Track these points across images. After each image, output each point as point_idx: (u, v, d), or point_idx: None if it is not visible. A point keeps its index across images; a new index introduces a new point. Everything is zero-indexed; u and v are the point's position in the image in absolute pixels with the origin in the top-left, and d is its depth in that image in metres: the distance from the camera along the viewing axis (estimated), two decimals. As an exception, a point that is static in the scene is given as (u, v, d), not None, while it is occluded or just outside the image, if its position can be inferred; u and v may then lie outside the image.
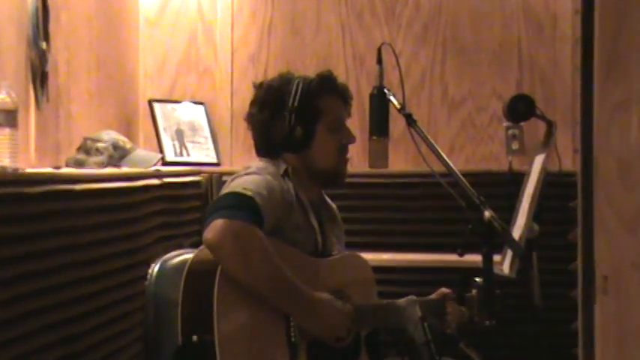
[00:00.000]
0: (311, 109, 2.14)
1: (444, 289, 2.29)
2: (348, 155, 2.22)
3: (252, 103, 2.22)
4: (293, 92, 2.13)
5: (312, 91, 2.15)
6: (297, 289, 1.97)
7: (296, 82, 2.15)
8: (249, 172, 2.09)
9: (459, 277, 2.10)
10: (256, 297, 1.92)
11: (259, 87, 2.22)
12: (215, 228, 1.89)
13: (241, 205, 1.93)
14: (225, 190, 2.03)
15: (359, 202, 3.59)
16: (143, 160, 3.14)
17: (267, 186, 2.01)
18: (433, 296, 2.29)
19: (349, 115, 2.24)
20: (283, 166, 2.14)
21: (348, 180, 2.26)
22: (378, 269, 2.34)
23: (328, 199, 2.33)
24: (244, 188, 1.97)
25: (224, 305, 1.89)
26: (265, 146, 2.20)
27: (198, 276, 1.97)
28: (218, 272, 1.90)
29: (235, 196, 1.96)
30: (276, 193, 2.03)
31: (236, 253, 1.89)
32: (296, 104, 2.12)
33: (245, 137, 3.89)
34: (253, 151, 2.25)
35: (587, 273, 1.13)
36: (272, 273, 1.92)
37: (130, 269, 2.80)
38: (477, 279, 1.90)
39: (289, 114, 2.12)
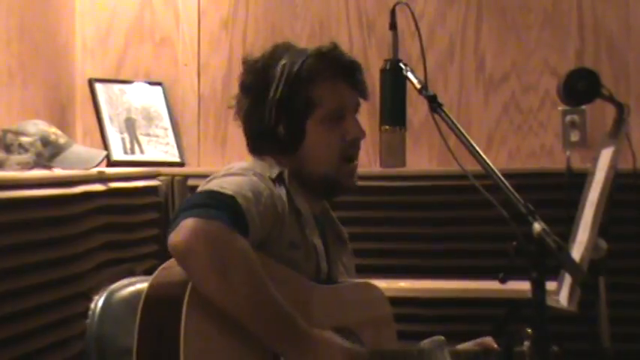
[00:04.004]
0: (299, 99, 2.14)
1: (486, 340, 2.27)
2: (357, 157, 2.22)
3: (238, 86, 2.24)
4: (277, 77, 2.14)
5: (302, 76, 2.14)
6: (290, 318, 1.96)
7: (282, 63, 2.15)
8: (229, 172, 2.10)
9: (503, 313, 2.10)
10: (238, 328, 1.92)
11: (243, 64, 2.23)
12: (184, 229, 1.89)
13: (219, 204, 1.94)
14: (199, 190, 2.05)
15: (368, 212, 3.60)
16: (82, 159, 3.14)
17: (252, 188, 2.02)
18: (470, 345, 2.28)
19: (362, 99, 2.24)
20: (276, 169, 2.14)
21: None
22: (394, 301, 2.33)
23: (336, 219, 2.33)
24: (222, 187, 1.98)
25: (195, 339, 1.90)
26: (250, 142, 2.22)
27: (159, 303, 1.96)
28: (187, 295, 1.91)
29: (212, 193, 1.97)
30: (265, 198, 2.03)
31: (210, 260, 1.89)
32: (278, 95, 2.13)
33: (217, 128, 3.90)
34: (227, 146, 2.26)
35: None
36: (257, 293, 1.92)
37: (64, 304, 2.80)
38: (530, 330, 1.90)
39: (269, 108, 2.13)
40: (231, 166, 2.14)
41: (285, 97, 2.13)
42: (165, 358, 1.91)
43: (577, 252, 2.35)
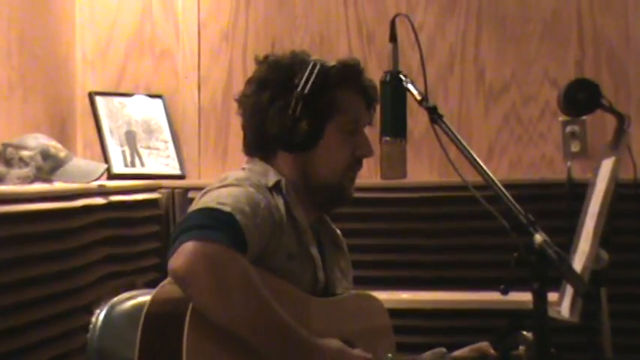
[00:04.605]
0: (325, 100, 2.15)
1: (483, 345, 2.28)
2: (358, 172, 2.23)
3: (250, 81, 2.23)
4: (307, 74, 2.14)
5: (332, 78, 2.17)
6: (294, 333, 1.96)
7: (313, 62, 2.17)
8: (224, 183, 2.09)
9: (504, 323, 2.09)
10: (240, 346, 1.92)
11: (263, 62, 2.23)
12: (184, 253, 1.89)
13: (218, 223, 1.93)
14: (195, 206, 2.03)
15: (368, 224, 3.60)
16: (82, 172, 3.14)
17: (249, 201, 2.02)
18: (466, 351, 2.28)
19: (370, 121, 2.25)
20: (274, 177, 2.14)
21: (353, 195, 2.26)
22: (395, 312, 2.34)
23: (330, 222, 2.33)
24: (220, 203, 1.98)
25: (196, 355, 1.89)
26: (257, 140, 2.21)
27: (160, 321, 1.96)
28: (188, 314, 1.91)
29: (209, 212, 1.96)
30: (262, 210, 2.03)
31: (212, 285, 1.89)
32: (307, 90, 2.13)
33: (217, 140, 3.90)
34: (228, 158, 2.26)
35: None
36: (259, 311, 1.92)
37: (65, 318, 2.80)
38: (526, 332, 1.89)
39: (296, 100, 2.13)
40: (226, 176, 2.13)
41: (312, 95, 2.13)
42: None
43: (578, 263, 2.35)
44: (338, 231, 2.35)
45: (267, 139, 2.18)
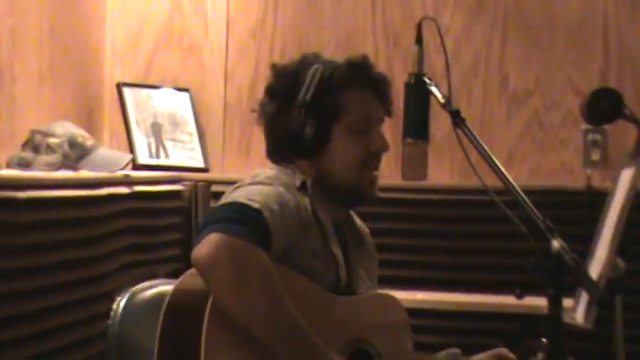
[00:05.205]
0: (328, 103, 2.15)
1: (502, 350, 2.26)
2: (379, 168, 2.22)
3: (265, 90, 2.25)
4: (308, 80, 2.15)
5: (334, 81, 2.16)
6: (307, 339, 1.96)
7: (314, 67, 2.17)
8: (256, 181, 2.10)
9: (517, 327, 2.10)
10: (257, 342, 1.93)
11: (272, 69, 2.24)
12: (208, 244, 1.90)
13: (245, 219, 1.93)
14: (225, 199, 2.05)
15: (387, 224, 3.60)
16: (108, 161, 3.16)
17: (278, 200, 2.02)
18: (484, 357, 2.28)
19: (386, 115, 2.25)
20: (300, 177, 2.15)
21: (374, 195, 2.26)
22: (411, 312, 2.33)
23: (358, 220, 2.33)
24: (250, 199, 1.98)
25: (214, 348, 1.90)
26: (274, 147, 2.23)
27: (181, 310, 1.97)
28: (209, 305, 1.92)
29: (238, 207, 1.97)
30: (290, 210, 2.04)
31: (231, 278, 1.89)
32: (309, 96, 2.14)
33: (241, 135, 3.91)
34: (251, 153, 2.27)
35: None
36: (275, 313, 1.93)
37: (87, 304, 2.81)
38: (545, 340, 1.89)
39: (299, 108, 2.14)
40: (257, 173, 2.14)
41: (315, 100, 2.14)
42: (185, 355, 1.91)
43: (595, 270, 2.35)
44: (367, 230, 2.35)
45: (281, 146, 2.20)
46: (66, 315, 2.70)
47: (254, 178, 2.11)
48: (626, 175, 2.49)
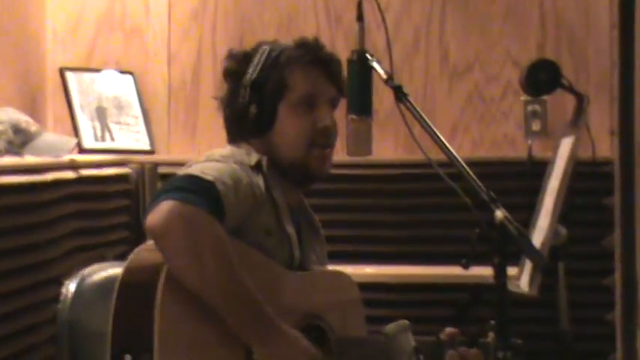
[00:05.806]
0: (273, 81, 2.17)
1: (449, 330, 2.27)
2: (331, 145, 2.23)
3: (222, 72, 2.30)
4: (256, 60, 2.19)
5: (280, 60, 2.19)
6: (259, 309, 1.97)
7: (263, 47, 2.21)
8: (210, 158, 2.12)
9: (466, 296, 2.11)
10: (211, 311, 1.94)
11: (228, 54, 2.29)
12: (162, 211, 1.91)
13: (198, 188, 1.96)
14: (179, 173, 2.06)
15: (334, 200, 3.60)
16: (53, 146, 3.13)
17: (232, 175, 2.05)
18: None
19: (339, 95, 2.25)
20: (255, 157, 2.16)
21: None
22: (360, 286, 2.34)
23: (310, 209, 2.35)
24: (203, 172, 2.01)
25: (169, 323, 1.90)
26: (227, 128, 2.26)
27: (134, 287, 1.96)
28: (162, 278, 1.92)
29: (192, 178, 1.99)
30: (244, 186, 2.06)
31: (185, 245, 1.91)
32: (255, 75, 2.18)
33: (187, 117, 3.89)
34: (197, 134, 2.27)
35: (628, 290, 1.14)
36: (228, 278, 1.94)
37: (35, 289, 2.79)
38: (494, 321, 1.91)
39: (244, 87, 2.18)
40: (211, 153, 2.16)
41: (260, 78, 2.18)
42: (139, 340, 1.91)
43: (538, 238, 2.38)
44: (316, 217, 2.36)
45: (233, 126, 2.23)
46: (14, 301, 2.67)
47: (209, 156, 2.14)
48: (566, 144, 2.52)
